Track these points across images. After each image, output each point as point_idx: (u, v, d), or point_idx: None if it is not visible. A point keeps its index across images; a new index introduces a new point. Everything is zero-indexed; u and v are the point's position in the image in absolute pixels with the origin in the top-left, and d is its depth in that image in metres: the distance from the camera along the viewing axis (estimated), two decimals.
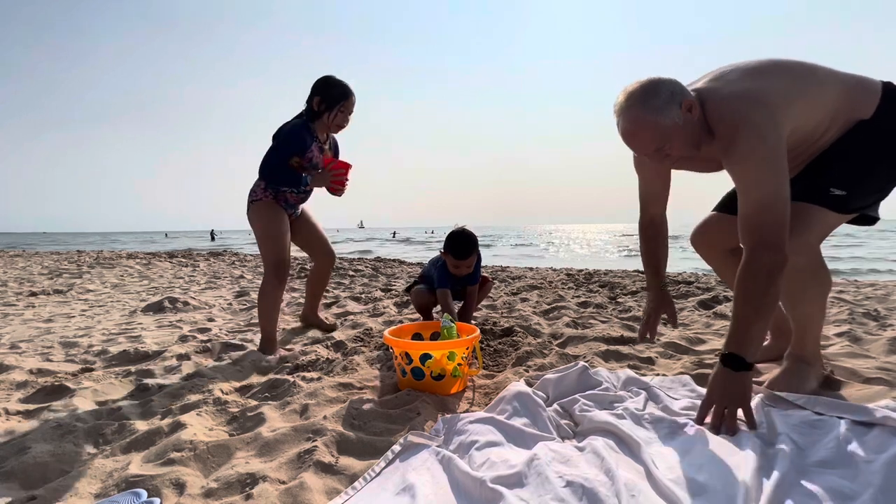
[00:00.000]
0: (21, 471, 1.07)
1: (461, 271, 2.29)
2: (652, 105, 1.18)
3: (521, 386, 1.42)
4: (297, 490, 0.95)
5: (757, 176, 1.12)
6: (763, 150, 1.11)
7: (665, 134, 1.20)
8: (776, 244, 1.08)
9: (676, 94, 1.18)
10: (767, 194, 1.10)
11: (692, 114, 1.19)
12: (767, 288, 1.08)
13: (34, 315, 3.30)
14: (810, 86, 1.20)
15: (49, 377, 1.77)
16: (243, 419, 1.34)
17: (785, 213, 1.09)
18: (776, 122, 1.12)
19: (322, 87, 2.13)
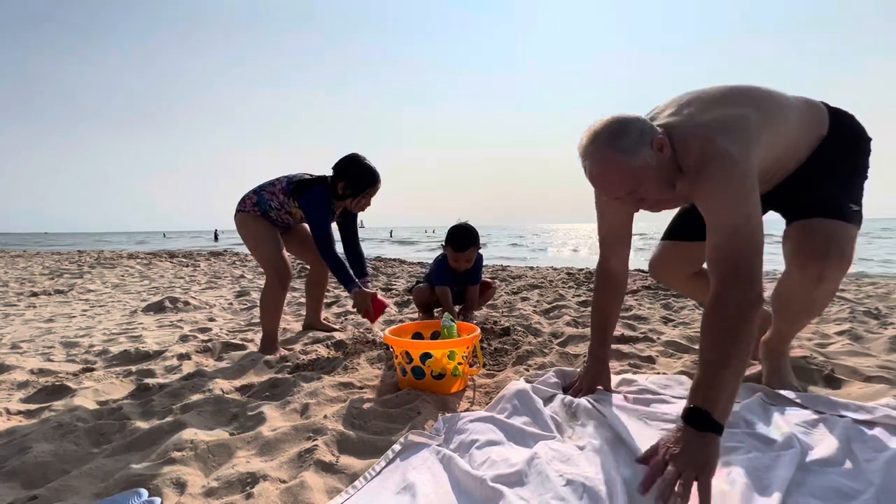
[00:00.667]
0: (22, 470, 1.08)
1: (460, 265, 2.33)
2: (621, 146, 1.09)
3: (521, 385, 1.42)
4: (297, 489, 0.95)
5: (728, 203, 1.03)
6: (734, 178, 1.03)
7: (638, 176, 1.12)
8: (749, 276, 0.95)
9: (646, 133, 1.10)
10: (740, 221, 1.00)
11: (664, 153, 1.11)
12: (738, 329, 0.91)
13: (35, 315, 3.30)
14: (774, 112, 1.16)
15: (50, 377, 1.77)
16: (244, 418, 1.34)
17: (759, 242, 0.99)
18: (746, 149, 1.05)
19: (349, 173, 2.08)
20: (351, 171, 2.08)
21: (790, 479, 0.88)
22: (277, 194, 2.13)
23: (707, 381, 0.90)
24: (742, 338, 0.90)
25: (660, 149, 1.10)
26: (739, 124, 1.09)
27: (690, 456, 0.84)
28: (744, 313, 0.92)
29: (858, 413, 1.13)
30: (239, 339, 2.35)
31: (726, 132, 1.07)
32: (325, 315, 2.96)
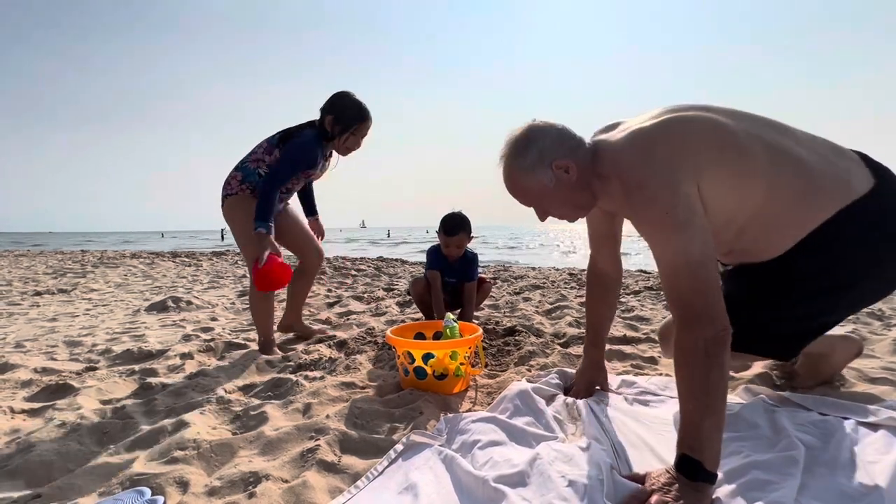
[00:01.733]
0: (26, 469, 1.08)
1: (451, 251, 2.43)
2: (519, 164, 1.08)
3: (523, 385, 1.42)
4: (299, 489, 0.95)
5: (660, 238, 0.94)
6: (657, 212, 0.92)
7: (536, 195, 1.11)
8: (704, 314, 0.85)
9: (546, 154, 1.06)
10: (679, 257, 0.90)
11: (570, 174, 1.06)
12: (708, 371, 0.83)
13: (39, 314, 3.31)
14: (735, 152, 0.97)
15: (53, 376, 1.78)
16: (246, 418, 1.34)
17: (704, 275, 0.87)
18: (669, 177, 0.93)
19: (337, 106, 1.95)
20: (339, 105, 1.95)
21: (794, 482, 0.88)
22: (262, 158, 1.95)
23: (691, 432, 0.85)
24: (714, 381, 0.83)
25: (564, 170, 1.06)
26: (665, 148, 0.97)
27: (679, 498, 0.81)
28: (710, 355, 0.83)
29: (862, 415, 1.13)
30: (241, 339, 2.35)
31: (648, 157, 0.97)
32: (327, 315, 2.97)
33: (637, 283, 4.34)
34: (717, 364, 0.83)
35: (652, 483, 0.87)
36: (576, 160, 1.07)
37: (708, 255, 0.89)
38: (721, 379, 0.83)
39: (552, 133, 1.08)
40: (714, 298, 0.86)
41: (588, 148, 1.09)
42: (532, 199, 1.13)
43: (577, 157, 1.07)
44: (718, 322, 0.85)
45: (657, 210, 0.92)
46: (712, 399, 0.83)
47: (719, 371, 0.83)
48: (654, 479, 0.87)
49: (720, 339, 0.84)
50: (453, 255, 2.45)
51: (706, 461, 0.82)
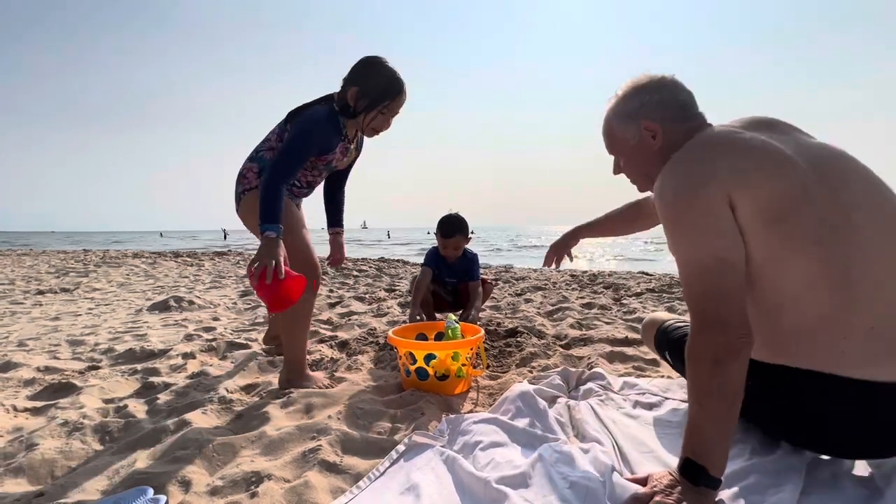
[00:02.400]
0: (29, 467, 1.08)
1: (448, 253, 2.44)
2: (618, 108, 1.06)
3: (525, 386, 1.42)
4: (301, 488, 0.96)
5: (677, 239, 0.89)
6: (678, 210, 0.88)
7: (615, 145, 1.10)
8: (716, 320, 0.81)
9: (644, 110, 1.02)
10: (692, 260, 0.85)
11: (654, 141, 1.02)
12: (712, 379, 0.79)
13: (41, 313, 3.32)
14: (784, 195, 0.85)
15: (56, 375, 1.78)
16: (248, 418, 1.34)
17: (718, 280, 0.82)
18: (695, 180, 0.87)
19: (363, 76, 1.54)
20: (370, 75, 1.54)
21: (796, 486, 0.87)
22: (276, 144, 1.62)
23: (695, 436, 0.83)
24: (721, 388, 0.79)
25: (651, 134, 1.03)
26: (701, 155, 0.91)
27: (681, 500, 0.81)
28: (718, 363, 0.79)
29: None
30: (243, 339, 2.36)
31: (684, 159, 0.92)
32: (329, 315, 2.97)
33: (639, 286, 4.33)
34: (725, 371, 0.79)
35: (654, 485, 0.86)
36: (666, 129, 1.02)
37: (726, 261, 0.83)
38: (729, 386, 0.79)
39: (665, 93, 1.03)
40: (729, 305, 0.81)
41: (692, 127, 1.01)
42: (612, 147, 1.12)
43: (671, 128, 1.01)
44: (732, 330, 0.79)
45: (679, 210, 0.88)
46: (718, 405, 0.80)
47: (724, 380, 0.79)
48: (657, 481, 0.87)
49: (732, 347, 0.79)
50: (451, 256, 2.46)
51: (710, 466, 0.80)
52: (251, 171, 1.63)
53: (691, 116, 1.03)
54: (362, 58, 1.58)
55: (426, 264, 2.49)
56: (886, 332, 0.80)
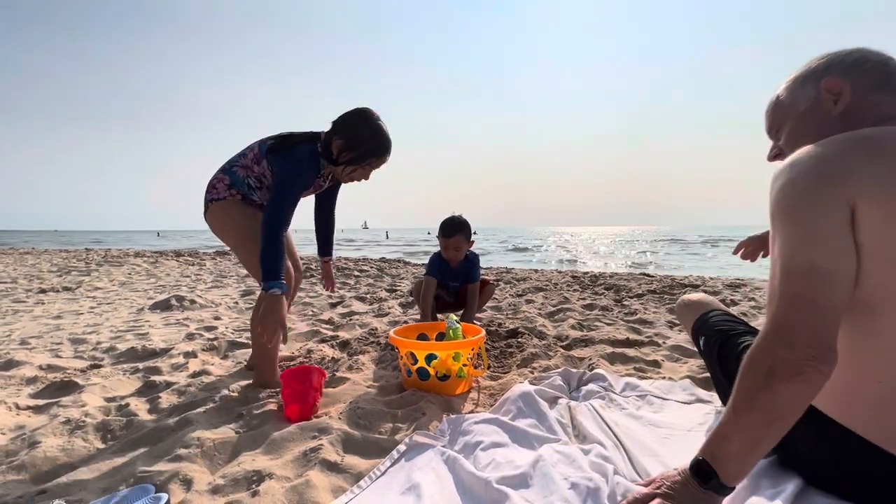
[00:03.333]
0: (31, 465, 1.09)
1: (450, 254, 2.43)
2: (796, 76, 0.87)
3: (526, 387, 1.42)
4: (302, 488, 0.96)
5: (780, 226, 0.74)
6: (784, 188, 0.74)
7: (777, 116, 0.90)
8: (787, 331, 0.67)
9: (830, 68, 0.82)
10: (783, 255, 0.71)
11: (836, 105, 0.81)
12: (758, 392, 0.68)
13: (43, 312, 3.33)
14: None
15: (58, 373, 1.79)
16: (249, 417, 1.34)
17: (805, 286, 0.68)
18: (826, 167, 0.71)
19: (351, 130, 1.56)
20: (359, 131, 1.56)
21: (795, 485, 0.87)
22: (251, 166, 1.60)
23: (719, 441, 0.75)
24: (761, 405, 0.68)
25: (833, 96, 0.81)
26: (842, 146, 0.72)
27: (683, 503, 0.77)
28: (773, 376, 0.67)
29: None
30: (244, 338, 2.36)
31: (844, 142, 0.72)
32: (330, 315, 2.97)
33: (640, 287, 4.33)
34: (775, 388, 0.67)
35: (659, 485, 0.84)
36: (857, 93, 0.80)
37: (821, 269, 0.68)
38: (774, 405, 0.67)
39: (865, 54, 0.82)
40: (807, 316, 0.67)
41: (890, 104, 0.79)
42: (774, 120, 0.91)
43: (863, 95, 0.80)
44: (801, 346, 0.66)
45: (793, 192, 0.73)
46: (755, 420, 0.69)
47: (776, 397, 0.67)
48: (662, 481, 0.84)
49: (794, 366, 0.66)
50: (453, 258, 2.45)
51: (723, 474, 0.74)
52: (222, 182, 1.64)
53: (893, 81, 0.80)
54: (354, 109, 1.60)
55: (430, 273, 2.47)
56: None
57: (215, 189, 1.64)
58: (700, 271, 7.91)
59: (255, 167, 1.62)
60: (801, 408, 0.68)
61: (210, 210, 1.65)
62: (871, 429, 0.74)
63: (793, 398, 0.67)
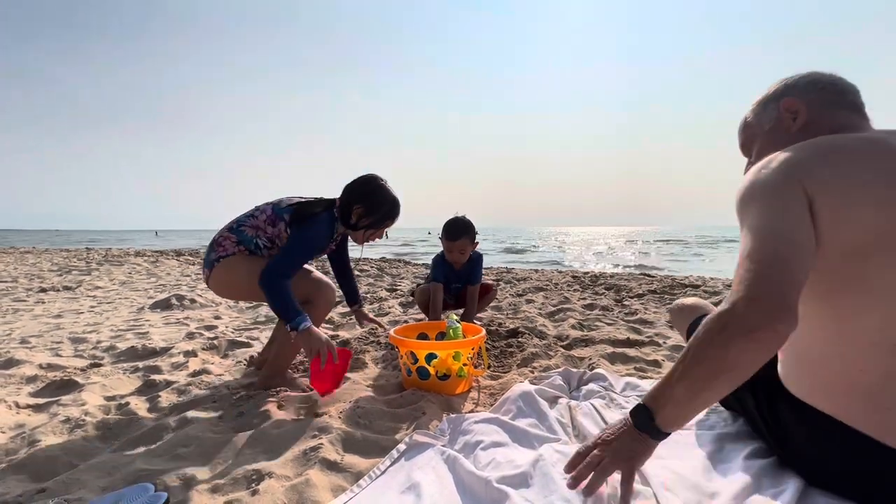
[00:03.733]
0: (31, 463, 1.09)
1: (454, 256, 2.36)
2: (760, 99, 0.98)
3: (526, 386, 1.42)
4: (302, 487, 0.96)
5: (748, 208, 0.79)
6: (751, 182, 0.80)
7: (747, 135, 1.00)
8: (749, 287, 0.69)
9: (787, 90, 0.92)
10: (754, 227, 0.75)
11: (796, 122, 0.90)
12: (709, 345, 0.70)
13: (44, 311, 3.33)
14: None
15: (58, 372, 1.79)
16: (249, 416, 1.34)
17: (773, 247, 0.71)
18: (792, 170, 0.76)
19: (370, 198, 1.66)
20: (376, 198, 1.67)
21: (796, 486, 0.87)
22: (264, 227, 1.61)
23: (662, 386, 0.78)
24: (706, 362, 0.70)
25: (791, 114, 0.90)
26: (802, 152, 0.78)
27: (617, 447, 0.81)
28: (725, 330, 0.69)
29: None
30: (244, 338, 2.36)
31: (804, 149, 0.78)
32: (330, 314, 2.97)
33: (640, 287, 4.33)
34: (727, 344, 0.68)
35: (600, 435, 0.86)
36: (813, 111, 0.88)
37: (789, 238, 0.71)
38: (720, 362, 0.69)
39: (815, 76, 0.91)
40: (768, 272, 0.69)
41: (848, 124, 0.86)
42: (745, 138, 1.01)
43: (818, 111, 0.88)
44: (761, 303, 0.67)
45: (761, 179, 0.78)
46: (698, 373, 0.72)
47: (726, 352, 0.68)
48: (604, 430, 0.86)
49: (750, 324, 0.66)
50: (457, 260, 2.36)
51: (659, 416, 0.77)
52: (229, 240, 1.62)
53: (848, 106, 0.88)
54: (366, 177, 1.70)
55: (436, 279, 2.38)
56: None
57: (221, 247, 1.61)
58: (700, 272, 7.91)
59: (269, 228, 1.62)
60: (749, 366, 0.68)
61: (216, 268, 1.60)
62: (865, 421, 0.75)
63: (741, 354, 0.68)
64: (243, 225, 1.63)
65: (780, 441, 0.91)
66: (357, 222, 1.67)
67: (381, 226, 1.71)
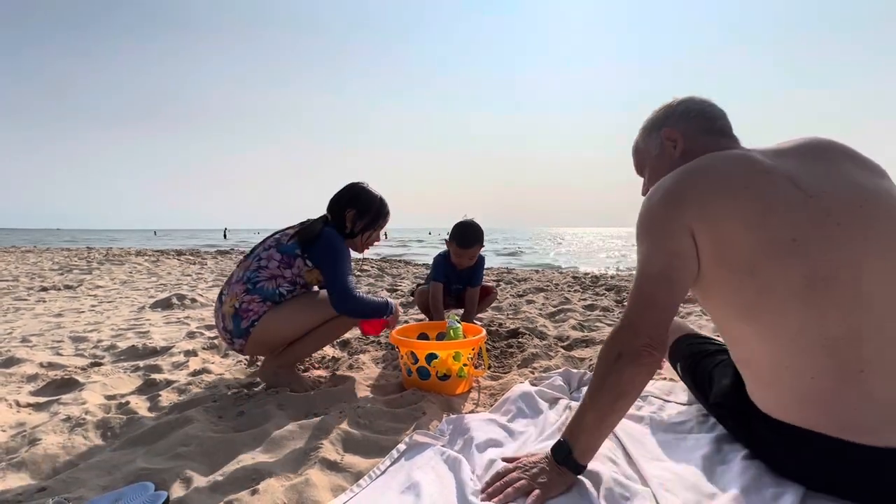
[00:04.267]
0: (31, 462, 1.09)
1: (463, 262, 2.26)
2: (645, 122, 1.10)
3: (526, 387, 1.42)
4: (302, 486, 0.96)
5: (639, 243, 0.91)
6: (642, 212, 0.92)
7: (639, 158, 1.13)
8: (631, 324, 0.83)
9: (668, 120, 1.05)
10: (641, 264, 0.88)
11: (676, 150, 1.03)
12: (608, 373, 0.82)
13: (45, 310, 3.34)
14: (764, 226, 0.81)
15: (59, 371, 1.79)
16: (250, 415, 1.34)
17: (648, 290, 0.84)
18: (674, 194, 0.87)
19: (359, 200, 1.69)
20: (363, 198, 1.70)
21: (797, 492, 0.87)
22: (281, 273, 1.57)
23: (575, 419, 0.88)
24: (609, 385, 0.82)
25: (672, 143, 1.03)
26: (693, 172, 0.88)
27: (536, 473, 0.87)
28: (621, 360, 0.81)
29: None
30: None
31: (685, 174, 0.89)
32: None
33: None
34: (620, 369, 0.81)
35: (521, 460, 0.93)
36: (688, 139, 1.01)
37: (668, 277, 0.84)
38: (617, 386, 0.82)
39: (692, 105, 1.04)
40: (649, 312, 0.83)
41: (717, 145, 0.98)
42: (638, 162, 1.14)
43: (693, 138, 1.01)
44: (641, 335, 0.82)
45: (642, 212, 0.92)
46: (603, 396, 0.84)
47: (619, 376, 0.81)
48: (526, 458, 0.93)
49: (634, 349, 0.81)
50: (465, 265, 2.29)
51: (576, 449, 0.86)
52: (254, 301, 1.54)
53: (718, 131, 1.01)
54: (349, 185, 1.73)
55: (436, 279, 2.31)
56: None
57: (250, 311, 1.53)
58: None
59: (287, 271, 1.57)
60: (640, 386, 0.83)
61: (254, 333, 1.53)
62: (827, 424, 0.78)
63: (633, 378, 0.82)
64: (259, 280, 1.55)
65: (766, 457, 0.93)
66: (353, 228, 1.69)
67: (376, 225, 1.74)
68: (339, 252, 1.58)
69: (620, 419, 0.86)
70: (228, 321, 1.55)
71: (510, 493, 0.85)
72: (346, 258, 1.60)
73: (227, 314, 1.55)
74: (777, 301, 0.78)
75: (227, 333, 1.57)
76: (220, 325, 1.60)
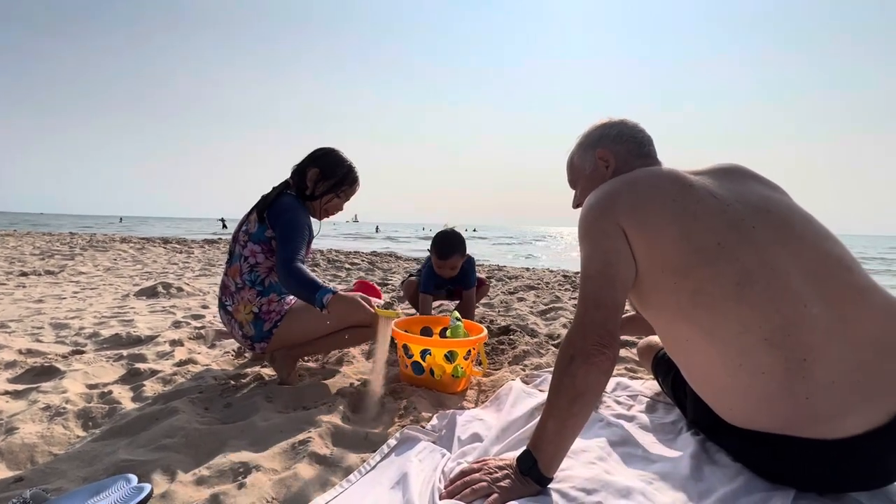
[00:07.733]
0: (8, 451, 1.05)
1: (445, 272, 2.24)
2: (580, 141, 1.18)
3: (517, 384, 1.42)
4: (290, 480, 0.94)
5: (581, 246, 0.96)
6: (586, 218, 0.96)
7: (573, 174, 1.21)
8: (583, 324, 0.85)
9: (601, 141, 1.13)
10: (584, 266, 0.91)
11: (608, 170, 1.12)
12: (563, 376, 0.83)
13: (24, 295, 3.25)
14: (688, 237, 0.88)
15: (38, 358, 1.74)
16: (237, 407, 1.32)
17: (593, 290, 0.87)
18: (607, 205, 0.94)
19: (324, 160, 1.60)
20: (329, 160, 1.60)
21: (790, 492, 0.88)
22: (271, 260, 1.54)
23: (538, 429, 0.87)
24: (565, 388, 0.82)
25: (604, 163, 1.13)
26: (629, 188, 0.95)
27: (499, 477, 0.87)
28: (572, 361, 0.82)
29: None
30: None
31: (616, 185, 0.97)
32: None
33: None
34: (574, 371, 0.82)
35: (485, 462, 0.93)
36: (619, 160, 1.11)
37: (609, 275, 0.88)
38: (572, 388, 0.82)
39: (624, 129, 1.13)
40: (596, 312, 0.85)
41: (640, 162, 1.10)
42: (571, 177, 1.22)
43: (623, 159, 1.11)
44: (591, 335, 0.83)
45: (583, 220, 0.97)
46: (560, 401, 0.83)
47: (574, 378, 0.82)
48: (494, 461, 0.93)
49: (586, 351, 0.82)
50: (447, 275, 2.25)
51: (540, 460, 0.85)
52: (272, 302, 1.52)
53: (645, 154, 1.12)
54: (319, 147, 1.64)
55: (425, 291, 2.27)
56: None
57: (272, 312, 1.52)
58: None
59: (274, 257, 1.52)
60: (595, 386, 0.83)
61: (277, 333, 1.52)
62: (776, 421, 0.81)
63: (586, 378, 0.82)
64: (263, 278, 1.52)
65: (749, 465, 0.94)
66: (314, 190, 1.58)
67: (339, 191, 1.61)
68: (291, 220, 1.47)
69: (582, 424, 0.85)
70: (248, 328, 1.51)
71: (467, 495, 0.85)
72: (300, 227, 1.47)
73: (246, 321, 1.51)
74: (712, 301, 0.83)
75: (247, 340, 1.53)
76: (237, 335, 1.55)
